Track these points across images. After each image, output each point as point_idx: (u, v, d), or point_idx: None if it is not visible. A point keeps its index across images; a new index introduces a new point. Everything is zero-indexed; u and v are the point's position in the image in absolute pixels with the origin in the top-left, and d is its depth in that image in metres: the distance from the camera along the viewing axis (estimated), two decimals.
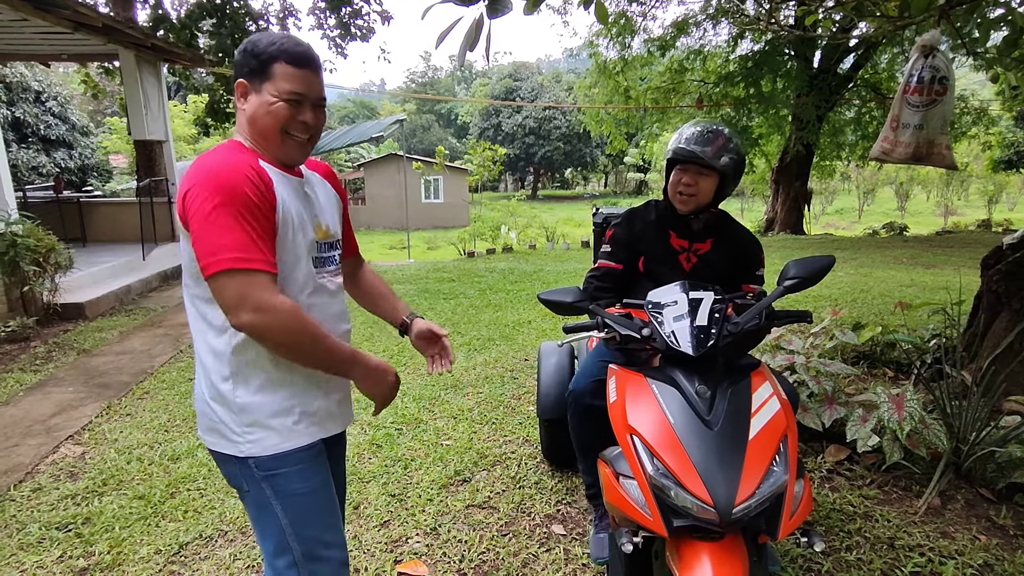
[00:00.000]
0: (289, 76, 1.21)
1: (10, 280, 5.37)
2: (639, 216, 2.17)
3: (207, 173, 1.14)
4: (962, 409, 2.50)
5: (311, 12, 11.41)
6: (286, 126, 1.24)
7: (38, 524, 2.48)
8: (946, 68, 2.97)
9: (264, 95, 1.22)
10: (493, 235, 13.96)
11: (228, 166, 1.16)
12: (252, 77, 1.23)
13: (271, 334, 1.16)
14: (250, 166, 1.17)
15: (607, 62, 14.04)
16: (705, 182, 1.95)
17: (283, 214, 1.22)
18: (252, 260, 1.12)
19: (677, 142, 1.96)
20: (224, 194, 1.12)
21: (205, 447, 1.52)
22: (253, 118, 1.24)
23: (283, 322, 1.14)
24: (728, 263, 2.06)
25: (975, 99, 14.02)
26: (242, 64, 1.23)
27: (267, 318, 1.13)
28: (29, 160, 15.83)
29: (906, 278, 7.35)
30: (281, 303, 1.14)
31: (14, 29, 6.52)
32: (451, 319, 5.86)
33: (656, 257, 2.08)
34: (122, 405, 3.83)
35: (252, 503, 1.32)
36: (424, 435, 3.21)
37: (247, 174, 1.15)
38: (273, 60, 1.21)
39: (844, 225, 25.87)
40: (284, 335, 1.16)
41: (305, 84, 1.23)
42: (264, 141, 1.26)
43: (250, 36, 1.27)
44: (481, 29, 1.75)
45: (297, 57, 1.22)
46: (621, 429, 1.46)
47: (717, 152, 1.90)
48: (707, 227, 2.07)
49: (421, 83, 63.98)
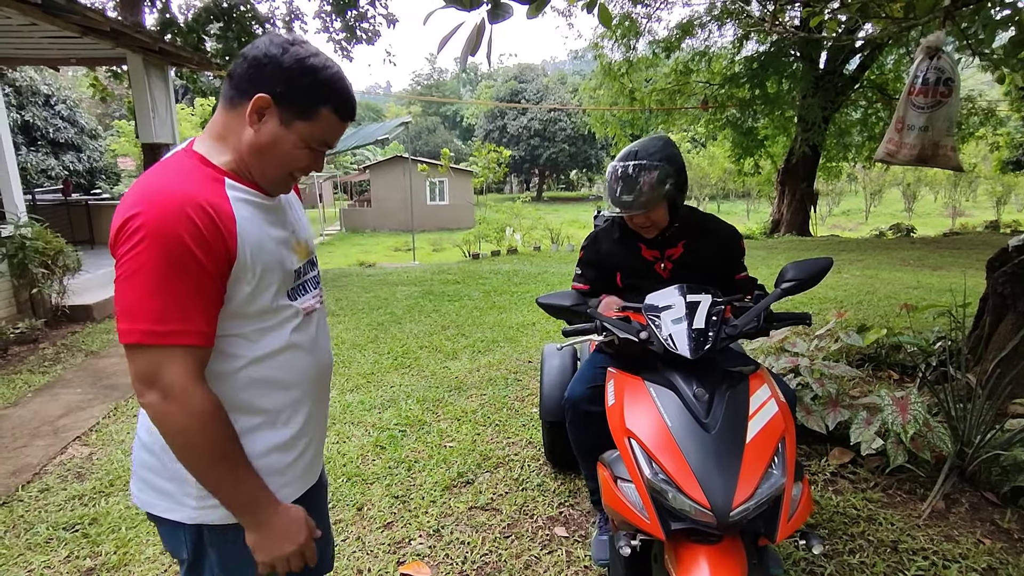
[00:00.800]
0: (333, 128, 1.04)
1: (19, 282, 5.43)
2: (604, 236, 2.17)
3: (155, 206, 0.90)
4: (967, 412, 2.49)
5: (317, 15, 11.46)
6: (296, 171, 1.07)
7: (46, 524, 2.51)
8: (951, 69, 2.96)
9: (292, 134, 1.01)
10: (498, 237, 13.99)
11: (171, 201, 0.91)
12: (287, 105, 0.99)
13: (168, 428, 0.94)
14: (199, 205, 0.92)
15: (612, 64, 14.05)
16: (654, 213, 1.91)
17: (251, 259, 0.99)
18: (171, 334, 0.91)
19: (611, 192, 1.89)
20: (152, 242, 0.89)
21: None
22: (262, 148, 1.01)
23: (185, 420, 0.93)
24: (705, 260, 2.04)
25: (983, 100, 13.92)
26: (279, 80, 0.98)
27: (169, 408, 0.92)
28: (38, 163, 15.99)
29: (912, 280, 7.31)
30: (193, 394, 0.93)
31: (24, 33, 6.58)
32: (455, 321, 5.88)
33: (631, 271, 2.08)
34: (129, 407, 3.86)
35: (187, 572, 1.11)
36: (427, 437, 3.22)
37: (191, 215, 0.91)
38: (323, 103, 1.00)
39: (851, 226, 25.74)
40: (182, 434, 0.94)
41: (338, 134, 1.06)
42: (258, 171, 1.04)
43: (295, 43, 1.00)
44: (482, 34, 1.76)
45: (348, 110, 1.05)
46: (619, 433, 1.46)
47: (649, 191, 1.82)
48: (674, 232, 2.04)
49: (426, 85, 64.24)
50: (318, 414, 1.21)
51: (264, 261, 1.02)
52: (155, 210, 0.90)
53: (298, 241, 1.15)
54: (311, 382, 1.16)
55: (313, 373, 1.16)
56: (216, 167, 1.01)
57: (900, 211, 28.75)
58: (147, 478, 1.08)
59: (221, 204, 0.97)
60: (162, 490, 1.05)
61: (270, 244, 1.05)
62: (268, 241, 1.04)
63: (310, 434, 1.17)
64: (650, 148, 1.87)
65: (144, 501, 1.08)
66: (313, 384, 1.17)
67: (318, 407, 1.20)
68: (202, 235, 0.92)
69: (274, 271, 1.05)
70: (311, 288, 1.18)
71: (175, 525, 1.06)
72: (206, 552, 1.08)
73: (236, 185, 1.02)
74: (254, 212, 1.03)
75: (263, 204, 1.06)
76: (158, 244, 0.89)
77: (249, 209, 1.02)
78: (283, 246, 1.08)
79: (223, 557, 1.08)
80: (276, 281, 1.05)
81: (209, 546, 1.08)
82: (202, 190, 0.95)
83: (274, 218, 1.09)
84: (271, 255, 1.04)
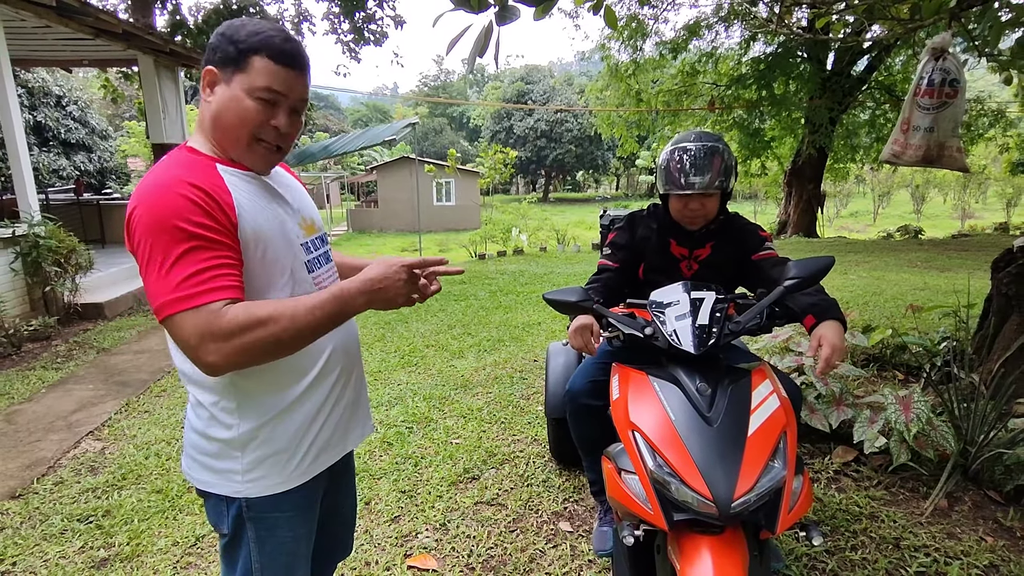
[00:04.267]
0: (268, 72, 1.04)
1: (33, 280, 5.51)
2: (641, 221, 2.15)
3: (147, 196, 0.97)
4: (970, 411, 2.50)
5: (325, 17, 11.56)
6: (256, 130, 1.07)
7: (60, 516, 2.57)
8: (957, 70, 2.97)
9: (234, 89, 1.05)
10: (504, 237, 14.03)
11: (164, 189, 0.97)
12: (224, 66, 1.05)
13: (251, 354, 0.97)
14: (189, 184, 0.98)
15: (619, 65, 14.05)
16: (711, 202, 1.91)
17: (250, 225, 1.05)
18: (201, 294, 0.95)
19: (675, 175, 1.85)
20: (159, 227, 0.95)
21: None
22: (218, 114, 1.07)
23: (247, 346, 0.96)
24: (731, 262, 2.04)
25: (992, 101, 13.83)
26: (216, 49, 1.06)
27: (235, 342, 0.95)
28: (50, 163, 16.14)
29: (919, 281, 7.28)
30: (232, 326, 0.95)
31: (37, 35, 6.69)
32: (462, 320, 5.92)
33: (656, 266, 2.07)
34: (140, 402, 3.92)
35: (226, 544, 1.20)
36: (434, 434, 3.26)
37: (184, 193, 0.97)
38: (252, 51, 1.04)
39: (859, 228, 25.60)
40: (254, 352, 0.97)
41: (285, 83, 1.06)
42: (227, 143, 1.09)
43: (230, 20, 1.09)
44: (490, 35, 1.80)
45: (281, 53, 1.05)
46: (623, 425, 1.49)
47: (719, 173, 1.83)
48: (707, 232, 2.04)
49: (433, 87, 64.41)
50: (344, 384, 1.25)
51: (266, 230, 1.08)
52: (150, 199, 0.97)
53: (303, 218, 1.21)
54: (334, 354, 1.22)
55: (335, 345, 1.22)
56: (206, 155, 1.09)
57: (909, 213, 28.57)
58: (196, 457, 1.17)
59: (215, 181, 1.03)
60: (210, 467, 1.14)
61: (269, 214, 1.10)
62: (267, 211, 1.10)
63: (332, 404, 1.22)
64: (709, 137, 1.87)
65: (193, 477, 1.18)
66: (340, 355, 1.23)
67: (344, 377, 1.25)
68: (198, 206, 0.97)
69: (277, 242, 1.10)
70: (323, 263, 1.24)
71: (220, 499, 1.15)
72: (244, 528, 1.16)
73: (227, 168, 1.08)
74: (249, 188, 1.09)
75: (256, 181, 1.12)
76: (157, 228, 0.95)
77: (243, 185, 1.08)
78: (285, 220, 1.14)
79: (260, 533, 1.16)
80: (284, 252, 1.11)
81: (248, 522, 1.16)
82: (192, 173, 1.01)
83: (270, 195, 1.14)
84: (272, 226, 1.10)
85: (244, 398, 1.11)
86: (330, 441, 1.23)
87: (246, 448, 1.12)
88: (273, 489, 1.14)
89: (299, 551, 1.23)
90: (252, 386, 1.11)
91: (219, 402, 1.11)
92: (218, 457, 1.13)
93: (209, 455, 1.14)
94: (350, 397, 1.28)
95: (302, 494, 1.19)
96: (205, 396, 1.12)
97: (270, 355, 1.00)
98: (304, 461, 1.18)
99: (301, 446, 1.16)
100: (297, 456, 1.16)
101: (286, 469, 1.15)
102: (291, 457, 1.16)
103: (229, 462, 1.12)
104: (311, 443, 1.18)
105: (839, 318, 1.65)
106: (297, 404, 1.15)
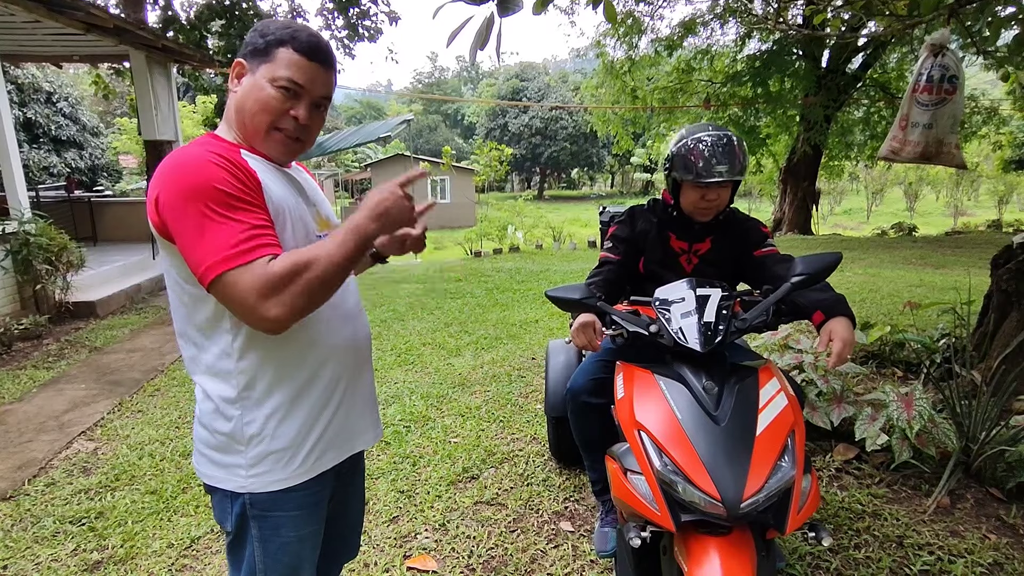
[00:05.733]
0: (292, 63, 1.08)
1: (23, 278, 5.44)
2: (641, 215, 2.15)
3: (172, 173, 1.00)
4: (972, 408, 2.49)
5: (319, 13, 11.46)
6: (275, 118, 1.10)
7: (52, 518, 2.52)
8: (956, 67, 2.96)
9: (258, 78, 1.09)
10: (500, 235, 14.01)
11: (192, 160, 1.00)
12: (252, 57, 1.10)
13: (308, 298, 0.99)
14: (216, 154, 1.01)
15: (614, 62, 14.02)
16: (725, 192, 1.92)
17: (275, 202, 1.08)
18: (251, 250, 0.97)
19: (697, 164, 1.83)
20: (196, 192, 0.97)
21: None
22: (241, 103, 1.11)
23: (300, 281, 0.98)
24: (730, 258, 2.03)
25: (985, 99, 13.89)
26: (248, 43, 1.12)
27: (292, 289, 0.97)
28: (40, 160, 15.97)
29: (915, 278, 7.30)
30: (275, 278, 0.97)
31: (27, 30, 6.59)
32: (458, 318, 5.88)
33: (656, 260, 2.06)
34: (133, 402, 3.87)
35: (231, 542, 1.20)
36: (432, 433, 3.23)
37: (213, 160, 1.00)
38: (279, 44, 1.08)
39: (853, 225, 25.70)
40: (310, 288, 0.99)
41: (307, 75, 1.10)
42: (248, 131, 1.12)
43: (265, 20, 1.16)
44: (491, 28, 1.76)
45: (307, 46, 1.09)
46: (629, 425, 1.47)
47: (743, 161, 1.84)
48: (707, 226, 2.03)
49: (428, 84, 64.21)
50: (352, 382, 1.24)
51: (287, 211, 1.11)
52: (181, 170, 0.99)
53: (319, 213, 1.24)
54: (342, 351, 1.21)
55: (342, 341, 1.21)
56: (230, 141, 1.12)
57: (902, 210, 28.70)
58: (203, 451, 1.18)
59: (240, 161, 1.05)
60: (216, 462, 1.15)
61: (291, 201, 1.13)
62: (289, 198, 1.13)
63: (338, 402, 1.21)
64: (722, 128, 1.88)
65: (201, 472, 1.19)
66: (349, 353, 1.23)
67: (352, 376, 1.24)
68: (231, 173, 1.00)
69: (297, 225, 1.12)
70: None
71: (225, 495, 1.16)
72: (248, 526, 1.17)
73: (250, 154, 1.11)
74: (271, 174, 1.12)
75: (278, 171, 1.16)
76: (194, 194, 0.97)
77: (265, 171, 1.11)
78: (304, 210, 1.17)
79: (263, 532, 1.17)
80: (302, 240, 1.12)
81: (252, 520, 1.16)
82: (217, 151, 1.03)
83: (290, 186, 1.17)
84: (294, 210, 1.13)
85: (249, 390, 1.11)
86: (335, 440, 1.22)
87: (250, 443, 1.13)
88: (276, 485, 1.14)
89: (303, 553, 1.22)
90: (258, 377, 1.12)
91: (224, 392, 1.12)
92: (223, 451, 1.14)
93: (214, 448, 1.15)
94: (359, 397, 1.27)
95: (306, 493, 1.19)
96: (211, 385, 1.13)
97: (317, 298, 1.02)
98: (308, 459, 1.17)
99: (306, 443, 1.16)
100: (301, 453, 1.16)
101: (290, 466, 1.15)
102: (295, 454, 1.15)
103: (234, 456, 1.13)
104: (316, 440, 1.18)
105: (848, 314, 1.63)
106: (302, 399, 1.15)
